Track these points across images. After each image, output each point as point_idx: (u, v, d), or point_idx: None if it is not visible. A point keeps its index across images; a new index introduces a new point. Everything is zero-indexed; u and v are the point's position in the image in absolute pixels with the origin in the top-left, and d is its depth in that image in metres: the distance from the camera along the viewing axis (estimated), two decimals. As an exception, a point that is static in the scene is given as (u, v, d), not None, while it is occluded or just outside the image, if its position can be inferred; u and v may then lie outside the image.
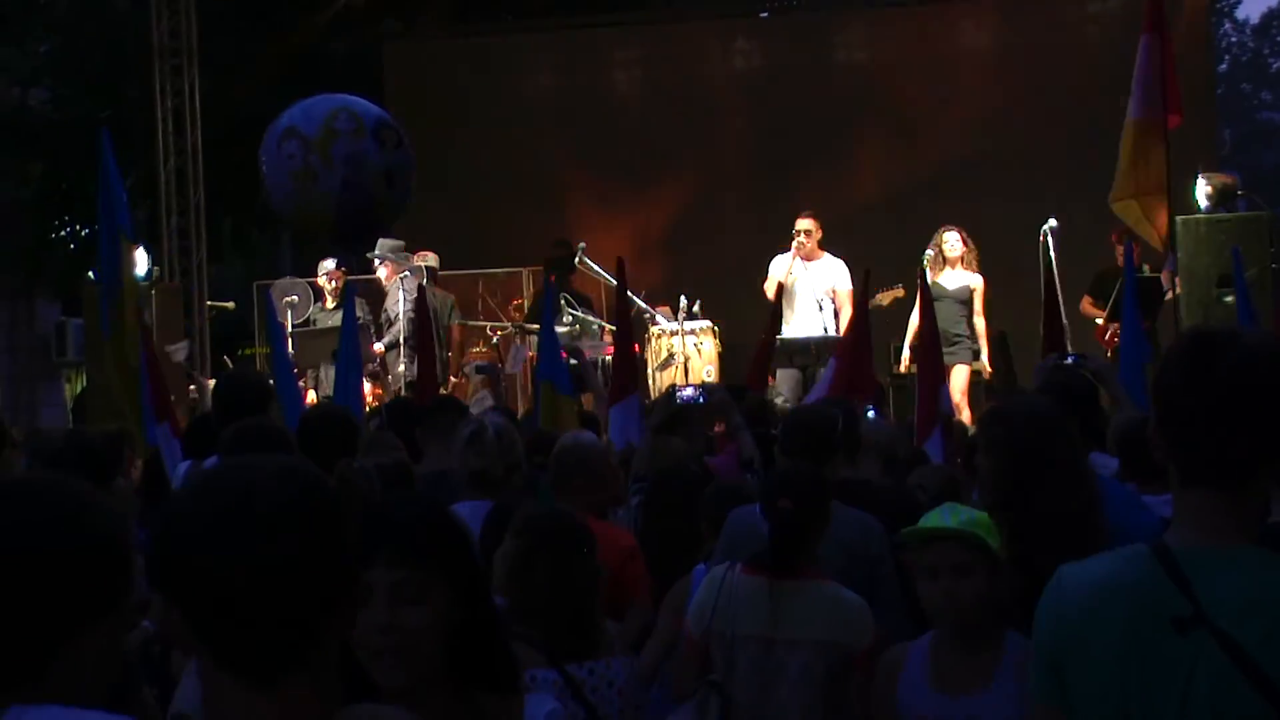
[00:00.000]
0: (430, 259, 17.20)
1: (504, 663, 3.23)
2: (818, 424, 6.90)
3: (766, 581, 5.40)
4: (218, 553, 2.18)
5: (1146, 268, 15.45)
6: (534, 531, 5.07)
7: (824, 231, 16.14)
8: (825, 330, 15.43)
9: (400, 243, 16.63)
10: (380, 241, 16.14)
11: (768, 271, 15.81)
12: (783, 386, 14.92)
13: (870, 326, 11.74)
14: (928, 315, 11.27)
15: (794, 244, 15.69)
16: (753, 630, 5.35)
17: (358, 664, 2.95)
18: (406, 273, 16.19)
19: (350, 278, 15.37)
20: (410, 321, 15.39)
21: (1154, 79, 12.84)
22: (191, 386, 16.30)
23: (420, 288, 15.30)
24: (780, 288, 15.58)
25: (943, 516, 4.80)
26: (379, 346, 15.89)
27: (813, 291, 15.53)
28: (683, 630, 5.58)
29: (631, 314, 16.71)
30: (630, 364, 11.02)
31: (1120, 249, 14.71)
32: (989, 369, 15.42)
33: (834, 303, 15.61)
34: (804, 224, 15.77)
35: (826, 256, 15.86)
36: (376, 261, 16.50)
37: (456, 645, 3.11)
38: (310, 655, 2.22)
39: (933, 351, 10.95)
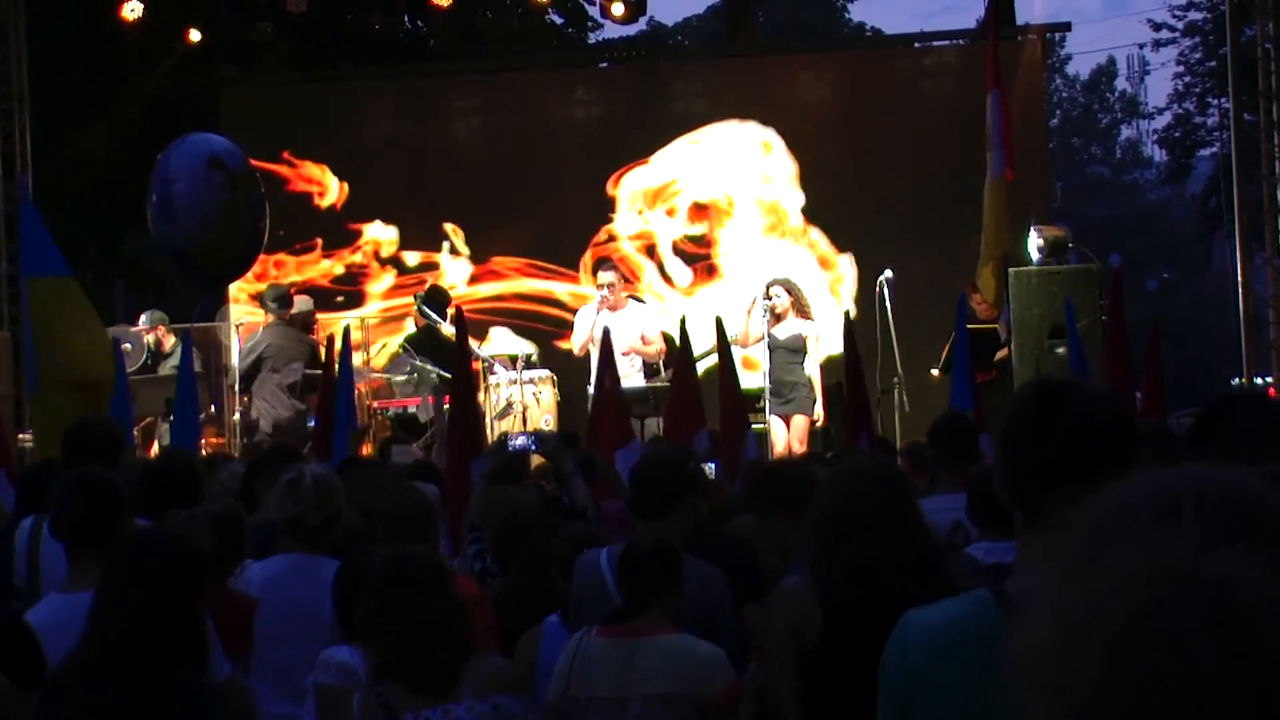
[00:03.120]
0: (306, 303, 17.39)
1: None
2: (665, 472, 6.87)
3: (619, 641, 5.43)
4: None
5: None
6: (385, 573, 4.96)
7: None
8: (644, 377, 15.56)
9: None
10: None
11: (574, 327, 15.90)
12: None
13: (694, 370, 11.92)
14: (727, 370, 11.49)
15: (598, 297, 15.76)
16: (604, 691, 5.37)
17: None
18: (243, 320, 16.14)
19: (183, 325, 15.26)
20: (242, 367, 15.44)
21: (1002, 134, 13.14)
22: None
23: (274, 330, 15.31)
24: (589, 342, 15.70)
25: None
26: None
27: (622, 341, 15.58)
28: (547, 697, 5.55)
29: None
30: (478, 422, 10.89)
31: (975, 298, 14.93)
32: (823, 417, 15.44)
33: (644, 344, 15.68)
34: (606, 277, 15.86)
35: (632, 304, 15.98)
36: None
37: None
38: None
39: (735, 405, 11.21)
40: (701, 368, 12.87)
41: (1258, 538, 1.28)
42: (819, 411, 15.32)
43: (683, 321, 12.44)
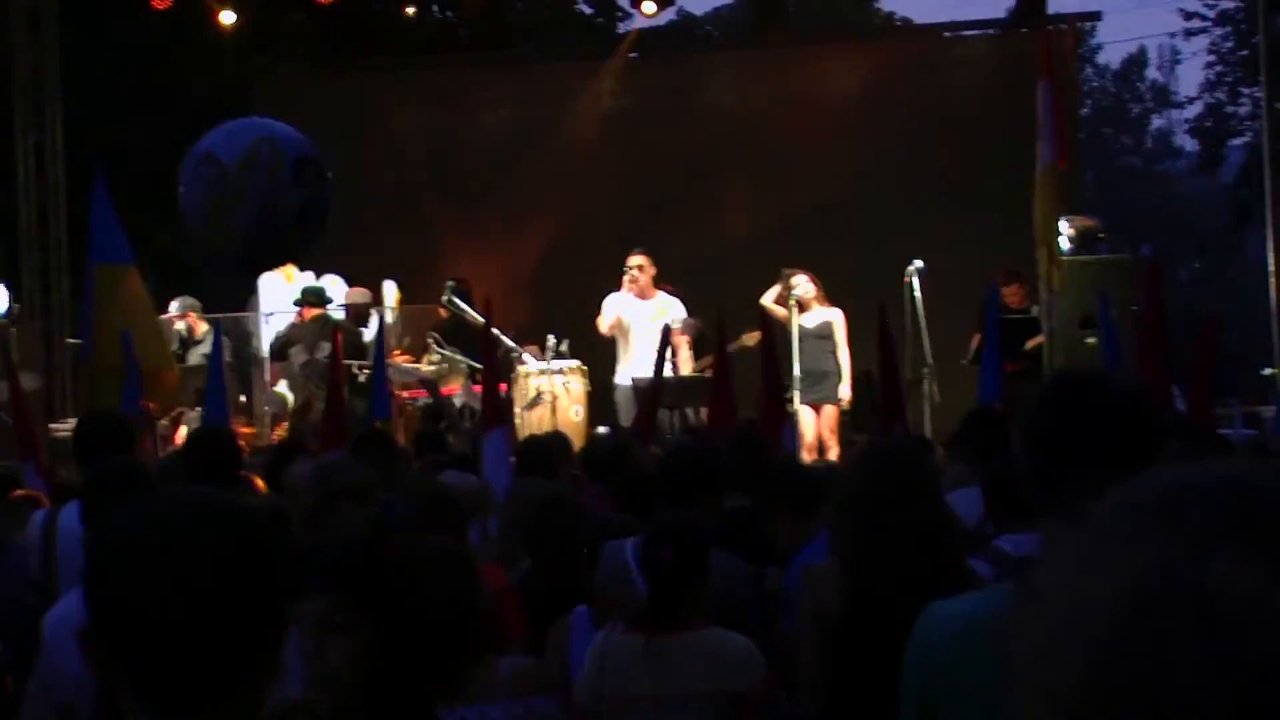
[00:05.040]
0: (357, 295, 17.50)
1: (420, 707, 3.21)
2: (696, 464, 6.88)
3: (650, 639, 5.29)
4: (139, 591, 2.13)
5: (1034, 309, 15.65)
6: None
7: (690, 271, 16.19)
8: (672, 368, 15.51)
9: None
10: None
11: (602, 309, 15.90)
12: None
13: (731, 368, 11.90)
14: (770, 358, 11.45)
15: (625, 280, 15.75)
16: (640, 691, 5.25)
17: None
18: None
19: (215, 315, 15.32)
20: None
21: (1054, 124, 13.08)
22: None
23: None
24: (617, 325, 15.72)
25: None
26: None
27: (649, 329, 15.55)
28: (575, 698, 5.49)
29: (499, 353, 16.75)
30: (497, 400, 10.98)
31: (1006, 290, 14.91)
32: (848, 399, 15.41)
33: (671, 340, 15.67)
34: (636, 260, 15.85)
35: (660, 294, 15.95)
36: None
37: (377, 683, 3.08)
38: (229, 694, 2.17)
39: (774, 394, 11.17)
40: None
41: (1259, 537, 1.26)
42: (845, 392, 15.28)
43: (720, 315, 12.44)
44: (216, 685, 2.16)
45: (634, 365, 15.50)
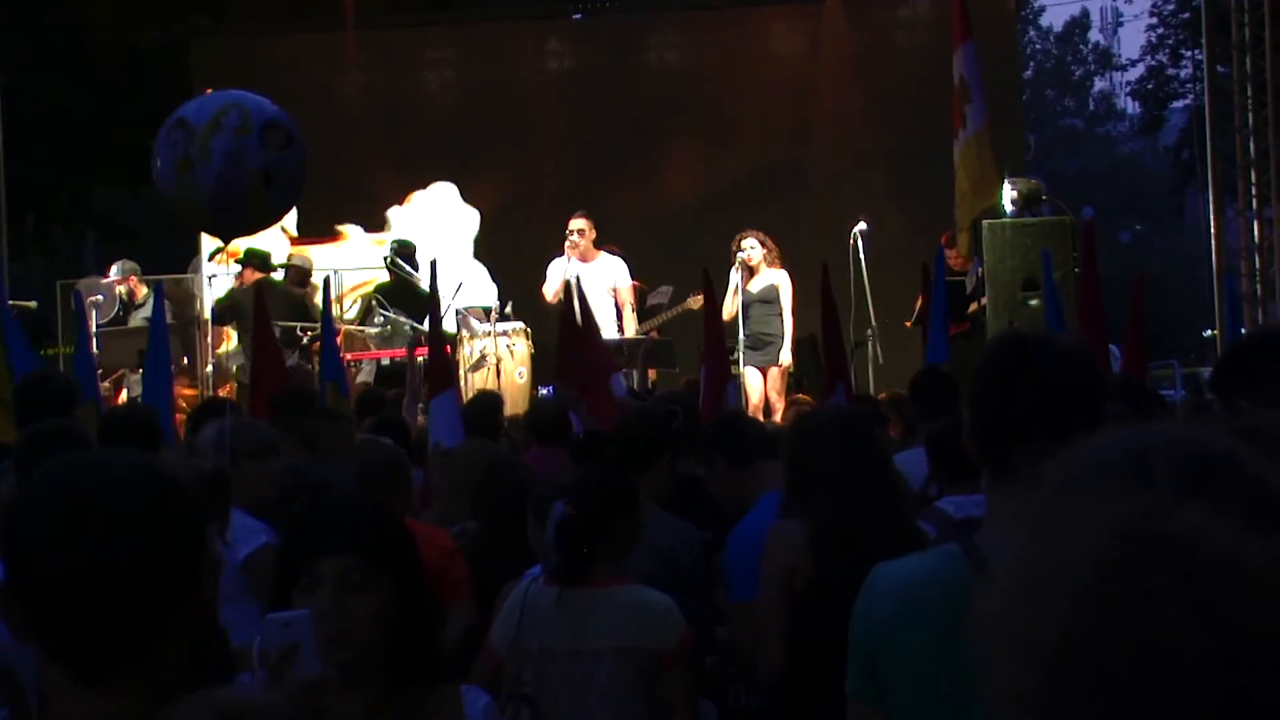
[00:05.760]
0: (298, 257, 17.39)
1: (436, 656, 3.30)
2: (644, 427, 6.88)
3: (570, 591, 5.25)
4: (57, 552, 2.13)
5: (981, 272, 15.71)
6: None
7: (637, 233, 16.14)
8: (617, 329, 15.50)
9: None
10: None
11: (546, 275, 15.86)
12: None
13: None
14: (714, 319, 11.45)
15: (567, 244, 15.72)
16: (557, 643, 5.21)
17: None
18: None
19: (156, 277, 15.23)
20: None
21: (981, 87, 13.12)
22: None
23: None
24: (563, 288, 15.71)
25: None
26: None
27: (594, 291, 15.52)
28: (489, 642, 5.46)
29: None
30: (444, 362, 10.96)
31: (949, 252, 14.95)
32: (789, 363, 15.38)
33: (616, 301, 15.64)
34: (577, 224, 15.81)
35: (603, 255, 15.91)
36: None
37: (394, 637, 3.17)
38: (145, 656, 2.17)
39: (718, 354, 11.18)
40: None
41: (1225, 493, 1.28)
42: (786, 358, 15.25)
43: (578, 280, 12.51)
44: (128, 649, 2.16)
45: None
